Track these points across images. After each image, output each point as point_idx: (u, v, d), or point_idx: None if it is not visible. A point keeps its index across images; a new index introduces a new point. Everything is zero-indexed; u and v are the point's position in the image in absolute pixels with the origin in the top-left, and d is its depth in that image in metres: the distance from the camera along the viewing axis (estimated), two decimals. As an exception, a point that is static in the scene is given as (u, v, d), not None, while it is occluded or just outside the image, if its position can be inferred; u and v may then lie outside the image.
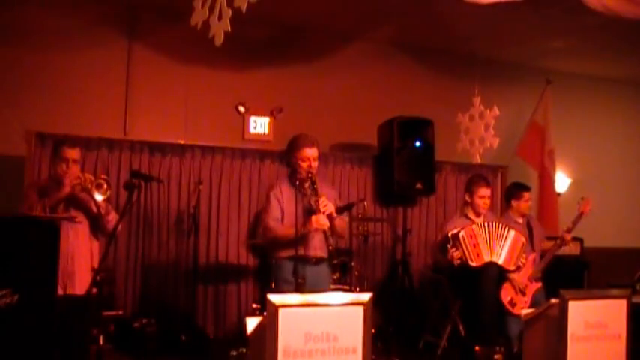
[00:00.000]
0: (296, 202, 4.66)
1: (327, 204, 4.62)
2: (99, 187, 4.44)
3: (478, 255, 5.68)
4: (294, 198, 4.68)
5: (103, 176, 4.65)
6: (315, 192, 4.64)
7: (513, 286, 5.95)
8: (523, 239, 5.88)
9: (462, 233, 5.67)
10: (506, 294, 5.92)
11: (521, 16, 6.69)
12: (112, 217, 4.63)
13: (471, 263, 5.65)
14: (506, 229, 5.82)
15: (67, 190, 4.41)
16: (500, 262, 5.74)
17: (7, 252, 3.58)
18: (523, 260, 5.91)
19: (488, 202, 6.02)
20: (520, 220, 6.30)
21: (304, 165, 4.69)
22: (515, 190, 6.38)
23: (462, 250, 5.64)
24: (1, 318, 3.41)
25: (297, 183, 4.74)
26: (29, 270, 3.64)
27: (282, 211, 4.72)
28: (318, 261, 4.77)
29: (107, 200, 4.57)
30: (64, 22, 6.57)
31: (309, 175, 4.66)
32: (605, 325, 3.95)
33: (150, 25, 6.94)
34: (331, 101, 7.64)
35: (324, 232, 4.64)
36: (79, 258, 4.50)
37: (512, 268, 5.82)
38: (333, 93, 7.68)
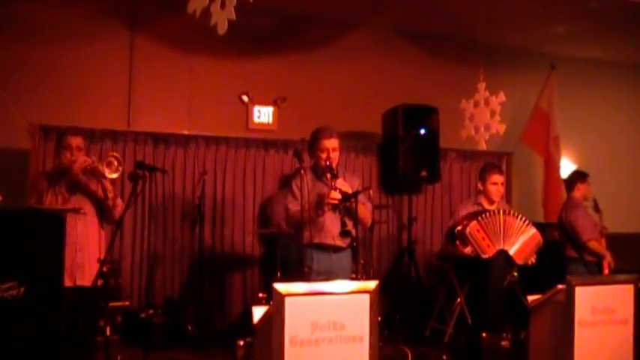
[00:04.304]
0: (314, 191, 4.77)
1: (342, 183, 4.73)
2: (109, 164, 4.39)
3: (488, 246, 5.69)
4: (315, 188, 4.80)
5: (112, 153, 4.62)
6: (334, 181, 4.74)
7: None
8: (540, 239, 5.93)
9: (467, 230, 5.68)
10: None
11: (524, 1, 6.65)
12: (119, 203, 4.62)
13: (483, 256, 5.68)
14: (527, 223, 5.84)
15: (76, 172, 4.40)
16: (510, 252, 5.76)
17: (12, 244, 3.58)
18: (533, 260, 5.92)
19: (501, 188, 6.09)
20: (585, 203, 6.66)
21: (323, 155, 4.83)
22: (581, 175, 6.77)
23: (472, 245, 5.66)
24: (8, 310, 3.42)
25: (319, 173, 4.90)
26: (35, 262, 3.64)
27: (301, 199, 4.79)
28: (337, 250, 4.81)
29: (114, 184, 4.57)
30: (65, 14, 6.57)
31: (328, 164, 4.75)
32: (613, 310, 3.94)
33: (151, 16, 6.93)
34: (335, 89, 7.63)
35: (339, 211, 4.68)
36: (88, 249, 4.50)
37: (520, 262, 5.83)
38: (337, 81, 7.66)
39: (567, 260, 6.55)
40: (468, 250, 5.71)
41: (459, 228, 5.78)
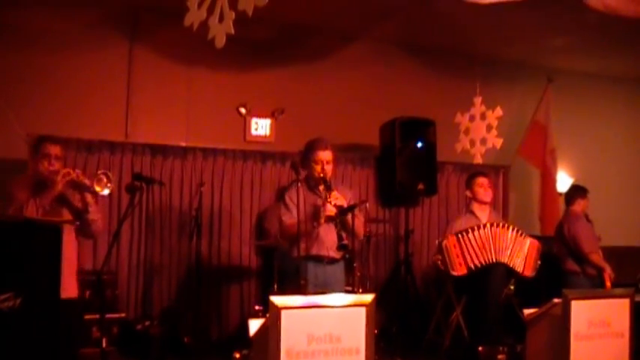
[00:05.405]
0: (306, 203, 4.75)
1: (337, 197, 4.68)
2: (99, 181, 4.33)
3: (460, 265, 5.72)
4: (307, 199, 4.77)
5: (100, 170, 4.57)
6: (327, 193, 4.71)
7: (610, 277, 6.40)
8: (538, 244, 5.99)
9: (444, 242, 5.72)
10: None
11: (521, 15, 6.68)
12: (98, 218, 4.56)
13: (452, 272, 5.71)
14: (519, 232, 5.86)
15: (59, 187, 4.31)
16: (511, 264, 5.78)
17: (9, 255, 3.57)
18: (538, 262, 5.96)
19: (489, 190, 6.15)
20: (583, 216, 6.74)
21: (317, 167, 4.80)
22: (581, 190, 6.86)
23: (445, 257, 5.70)
24: (4, 322, 3.41)
25: (312, 184, 4.86)
26: (32, 274, 3.63)
27: (296, 211, 4.77)
28: (331, 261, 4.80)
29: (95, 199, 4.51)
30: (65, 24, 6.58)
31: (322, 177, 4.73)
32: (609, 323, 3.94)
33: (151, 27, 6.95)
34: (332, 102, 7.64)
35: (335, 224, 4.68)
36: (65, 260, 4.40)
37: (530, 274, 5.86)
38: (335, 94, 7.67)
39: (569, 274, 6.55)
40: (438, 259, 5.75)
41: (441, 239, 5.86)
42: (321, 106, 7.58)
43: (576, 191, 6.89)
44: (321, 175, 4.77)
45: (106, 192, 4.38)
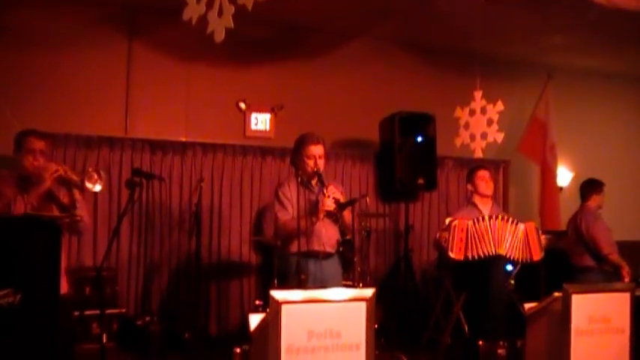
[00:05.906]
0: (304, 199, 4.72)
1: (334, 191, 4.68)
2: (90, 178, 4.24)
3: (460, 250, 5.69)
4: (302, 195, 4.73)
5: (91, 167, 4.51)
6: (322, 187, 4.70)
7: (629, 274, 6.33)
8: (535, 225, 5.93)
9: (455, 222, 5.71)
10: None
11: (521, 12, 6.67)
12: (85, 214, 4.45)
13: (450, 253, 5.67)
14: (513, 222, 5.85)
15: (47, 183, 4.21)
16: (508, 255, 5.77)
17: (8, 251, 3.57)
18: (543, 242, 5.94)
19: (490, 183, 6.11)
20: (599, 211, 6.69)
21: (310, 162, 4.76)
22: (597, 185, 6.78)
23: (449, 236, 5.68)
24: (3, 318, 3.40)
25: (305, 180, 4.81)
26: (31, 270, 3.62)
27: (291, 208, 4.76)
28: (327, 256, 4.80)
29: (83, 196, 4.44)
30: (63, 22, 6.58)
31: (316, 171, 4.71)
32: (609, 319, 3.94)
33: (150, 23, 6.94)
34: (332, 98, 7.64)
35: (336, 219, 4.66)
36: None
37: (539, 257, 5.84)
38: (334, 89, 7.67)
39: (583, 270, 6.50)
40: (445, 236, 5.74)
41: (450, 219, 5.85)
42: (320, 101, 7.58)
43: (591, 186, 6.77)
44: (315, 169, 4.74)
45: (97, 188, 4.31)
